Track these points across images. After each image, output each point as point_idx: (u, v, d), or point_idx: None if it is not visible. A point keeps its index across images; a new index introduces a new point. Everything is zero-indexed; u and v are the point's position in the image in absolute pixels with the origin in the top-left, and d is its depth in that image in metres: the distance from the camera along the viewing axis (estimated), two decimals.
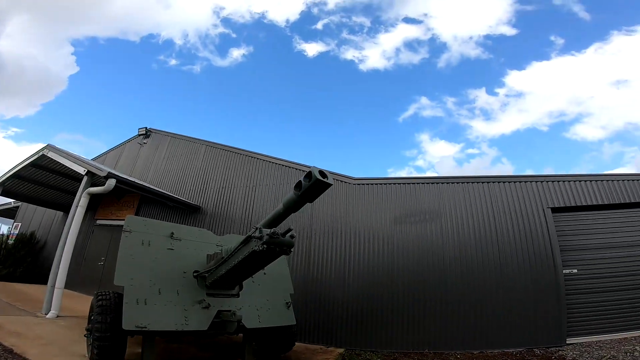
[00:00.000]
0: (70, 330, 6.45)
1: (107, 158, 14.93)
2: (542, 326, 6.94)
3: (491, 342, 7.02)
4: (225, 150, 11.56)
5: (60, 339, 5.78)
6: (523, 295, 7.15)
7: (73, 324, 6.93)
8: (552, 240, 7.35)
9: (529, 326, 6.98)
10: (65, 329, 6.53)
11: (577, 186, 7.69)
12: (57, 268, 7.70)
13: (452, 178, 8.38)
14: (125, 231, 5.42)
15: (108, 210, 12.49)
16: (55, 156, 9.52)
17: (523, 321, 7.02)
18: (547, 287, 7.11)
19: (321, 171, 4.00)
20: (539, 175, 7.93)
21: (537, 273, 7.21)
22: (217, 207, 10.64)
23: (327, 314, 7.98)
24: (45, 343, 5.44)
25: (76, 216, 8.19)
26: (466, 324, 7.22)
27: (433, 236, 7.94)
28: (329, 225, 8.73)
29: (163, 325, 4.74)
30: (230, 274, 5.21)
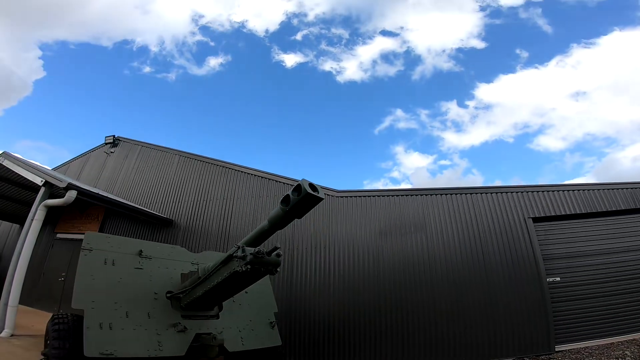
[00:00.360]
0: (26, 350, 5.78)
1: (70, 167, 13.99)
2: (530, 335, 6.85)
3: (481, 354, 6.88)
4: (201, 160, 11.06)
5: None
6: (509, 304, 7.07)
7: (29, 343, 6.22)
8: (535, 250, 7.36)
9: (517, 335, 6.88)
10: (21, 349, 5.85)
11: (557, 196, 7.77)
12: (10, 285, 6.93)
13: (436, 190, 8.29)
14: (85, 249, 4.91)
15: (70, 224, 11.58)
16: (11, 165, 8.73)
17: (511, 331, 6.92)
18: (532, 295, 7.06)
19: (311, 184, 3.73)
20: (519, 185, 7.98)
21: (522, 282, 7.16)
22: (192, 221, 10.07)
23: (312, 332, 7.63)
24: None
25: (31, 230, 7.45)
26: (454, 336, 7.04)
27: (419, 248, 7.77)
28: (312, 239, 8.42)
29: (133, 351, 4.26)
30: (208, 295, 4.80)
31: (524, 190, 7.87)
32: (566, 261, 7.46)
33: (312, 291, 7.94)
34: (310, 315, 7.76)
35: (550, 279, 7.26)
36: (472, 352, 6.88)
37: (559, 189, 7.84)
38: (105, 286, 4.65)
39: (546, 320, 6.89)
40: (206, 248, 8.84)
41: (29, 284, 7.26)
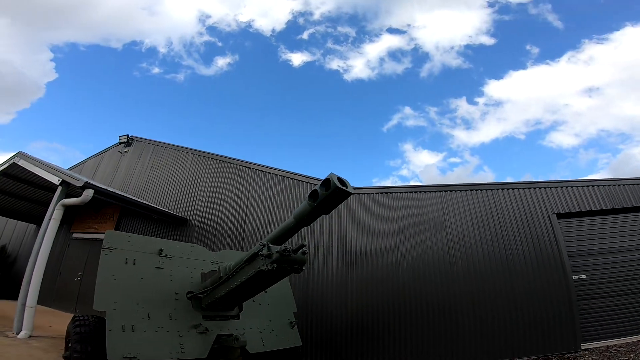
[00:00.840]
0: (45, 352, 5.66)
1: (85, 167, 13.97)
2: (555, 333, 6.63)
3: (504, 352, 6.65)
4: (214, 159, 10.92)
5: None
6: (534, 302, 6.82)
7: (48, 345, 6.12)
8: (560, 247, 7.10)
9: (542, 333, 6.66)
10: (40, 351, 5.72)
11: (581, 191, 7.51)
12: (28, 285, 6.86)
13: (455, 186, 8.04)
14: (105, 248, 4.74)
15: (85, 223, 11.56)
16: (27, 165, 8.68)
17: (535, 329, 6.69)
18: (557, 293, 6.82)
19: (340, 178, 3.55)
20: (542, 181, 7.71)
21: (547, 280, 6.92)
22: (206, 220, 9.95)
23: (329, 332, 7.45)
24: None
25: (49, 230, 7.39)
26: (477, 336, 6.80)
27: (438, 246, 7.53)
28: (329, 237, 8.23)
29: (156, 355, 4.12)
30: (230, 295, 4.64)
31: (547, 185, 7.60)
32: (592, 258, 7.20)
33: (329, 290, 7.75)
34: (327, 314, 7.58)
35: (576, 276, 7.01)
36: (496, 351, 6.66)
37: (583, 185, 7.58)
38: (126, 287, 4.52)
39: (572, 318, 6.65)
40: (221, 247, 8.71)
41: (46, 284, 7.20)
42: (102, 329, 4.04)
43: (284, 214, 8.90)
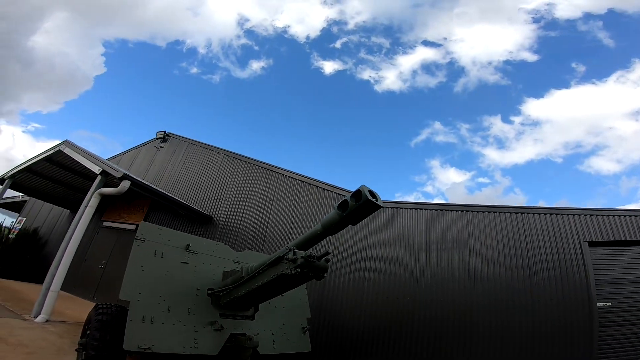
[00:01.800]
0: (59, 337, 5.65)
1: (123, 159, 14.28)
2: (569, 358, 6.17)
3: None
4: (243, 160, 10.89)
5: (46, 348, 4.99)
6: (554, 328, 6.38)
7: (63, 330, 6.13)
8: (588, 274, 6.58)
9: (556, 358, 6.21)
10: (54, 335, 5.72)
11: (617, 221, 6.90)
12: (56, 269, 6.94)
13: (483, 207, 7.59)
14: (138, 239, 4.75)
15: (116, 213, 11.78)
16: (71, 152, 8.92)
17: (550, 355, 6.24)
18: (579, 321, 6.35)
19: (370, 191, 3.42)
20: (576, 208, 7.18)
21: (570, 308, 6.45)
22: (230, 220, 9.90)
23: (338, 341, 7.20)
24: (29, 352, 4.64)
25: (84, 216, 7.51)
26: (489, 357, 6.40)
27: (460, 266, 7.12)
28: (348, 248, 7.96)
29: (169, 347, 4.06)
30: (250, 296, 4.55)
31: (581, 213, 7.07)
32: (620, 287, 6.70)
33: (344, 301, 7.50)
34: (339, 324, 7.34)
35: (600, 303, 6.52)
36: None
37: (620, 214, 6.94)
38: (152, 279, 4.51)
39: (590, 344, 6.19)
40: (242, 247, 8.61)
41: (71, 270, 7.26)
42: (122, 319, 4.02)
43: (306, 221, 8.72)
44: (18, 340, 5.02)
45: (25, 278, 11.50)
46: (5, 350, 4.48)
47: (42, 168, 10.67)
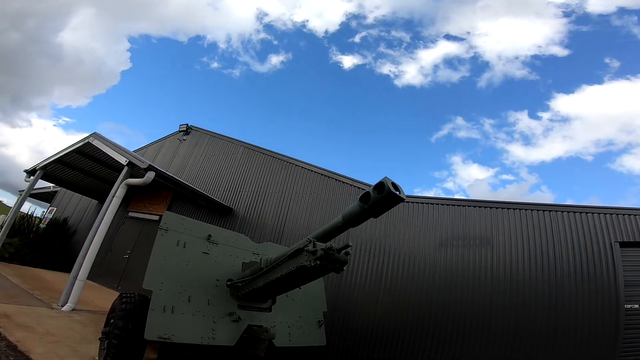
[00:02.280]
0: (84, 326, 5.77)
1: (147, 151, 14.50)
2: None
3: None
4: (263, 153, 10.85)
5: (71, 337, 5.08)
6: (577, 329, 6.10)
7: (88, 319, 6.26)
8: (618, 276, 6.24)
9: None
10: (79, 324, 5.84)
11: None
12: (83, 259, 7.10)
13: (508, 203, 7.28)
14: (162, 229, 4.78)
15: (141, 203, 11.99)
16: (100, 144, 9.11)
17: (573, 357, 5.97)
18: (604, 323, 6.05)
19: (393, 183, 3.30)
20: (608, 207, 6.80)
21: (596, 310, 6.15)
22: (250, 212, 9.91)
23: (352, 335, 7.11)
24: (55, 340, 4.73)
25: (111, 206, 7.67)
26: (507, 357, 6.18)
27: (481, 264, 6.87)
28: (367, 243, 7.81)
29: (188, 337, 4.08)
30: (268, 288, 4.55)
31: (612, 212, 6.69)
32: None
33: (360, 297, 7.39)
34: (355, 319, 7.24)
35: (628, 305, 6.20)
36: None
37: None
38: (174, 269, 4.54)
39: (614, 347, 5.90)
40: (261, 239, 8.61)
41: (97, 259, 7.42)
42: (145, 308, 4.06)
43: (325, 214, 8.63)
44: (45, 329, 5.14)
45: (54, 267, 11.86)
46: (32, 339, 4.57)
47: (72, 159, 10.94)
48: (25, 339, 4.50)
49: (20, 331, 4.73)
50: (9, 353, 3.96)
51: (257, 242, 6.32)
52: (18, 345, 4.20)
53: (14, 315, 5.34)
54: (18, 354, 3.99)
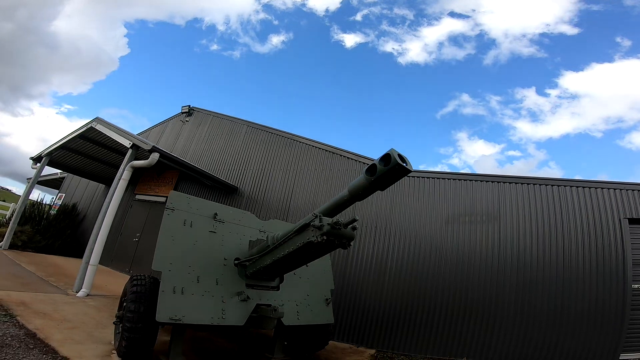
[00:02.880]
0: (99, 311, 5.93)
1: (151, 134, 14.48)
2: (595, 342, 6.00)
3: (537, 355, 6.13)
4: (266, 131, 10.80)
5: (87, 322, 5.24)
6: (584, 307, 6.18)
7: (102, 304, 6.43)
8: (626, 253, 6.23)
9: (582, 341, 6.06)
10: (94, 309, 6.00)
11: None
12: (94, 243, 7.22)
13: (515, 178, 7.23)
14: (168, 208, 4.75)
15: (147, 186, 12.08)
16: (103, 129, 9.14)
17: (579, 335, 6.08)
18: (611, 302, 6.11)
19: (400, 155, 3.24)
20: (618, 182, 6.72)
21: (603, 287, 6.19)
22: (255, 190, 9.94)
23: (359, 313, 7.23)
24: (72, 327, 4.88)
25: (118, 189, 7.73)
26: (513, 335, 6.30)
27: (489, 240, 6.90)
28: (372, 220, 7.83)
29: (199, 318, 4.12)
30: (275, 265, 4.53)
31: (622, 187, 6.62)
32: None
33: (366, 272, 7.45)
34: (362, 296, 7.32)
35: (635, 285, 6.23)
36: (528, 353, 6.17)
37: None
38: (182, 248, 4.54)
39: (620, 327, 5.97)
40: (267, 217, 8.67)
41: (107, 244, 7.56)
42: (156, 290, 4.08)
43: (331, 189, 8.62)
44: (62, 315, 5.28)
45: (67, 253, 12.06)
46: (50, 326, 4.70)
47: (77, 145, 11.00)
48: (43, 326, 4.63)
49: (37, 318, 4.86)
50: (28, 341, 4.05)
51: (263, 219, 6.33)
52: (37, 333, 4.31)
53: (30, 303, 5.48)
54: (38, 342, 4.09)
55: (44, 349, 3.93)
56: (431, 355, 6.57)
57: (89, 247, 7.26)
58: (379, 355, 6.45)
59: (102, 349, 4.35)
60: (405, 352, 6.69)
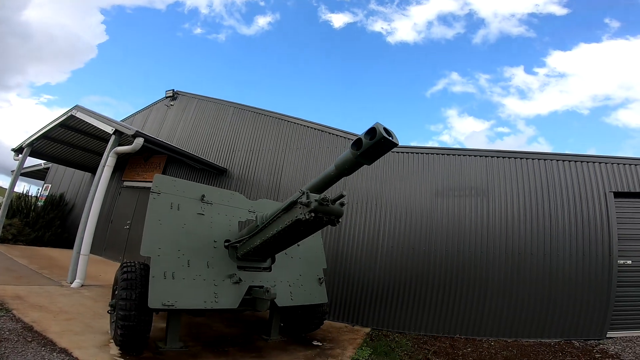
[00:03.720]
0: (95, 301, 5.98)
1: (135, 120, 14.26)
2: (584, 317, 6.29)
3: (527, 331, 6.40)
4: (254, 112, 10.70)
5: (83, 313, 5.29)
6: (569, 284, 6.42)
7: (97, 294, 6.48)
8: (611, 228, 6.47)
9: (570, 317, 6.33)
10: (90, 300, 6.06)
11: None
12: (83, 232, 7.21)
13: (503, 152, 7.36)
14: (154, 192, 4.69)
15: (135, 172, 12.00)
16: (84, 116, 8.98)
17: (564, 311, 6.35)
18: (597, 277, 6.35)
19: (385, 128, 3.24)
20: (604, 156, 6.88)
21: (589, 262, 6.42)
22: (244, 171, 9.93)
23: (353, 291, 7.37)
24: (69, 318, 4.93)
25: (103, 176, 7.64)
26: (503, 310, 6.55)
27: (477, 214, 7.05)
28: (363, 196, 7.89)
29: (192, 302, 4.13)
30: (266, 246, 4.52)
31: (608, 161, 6.80)
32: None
33: (358, 250, 7.56)
34: (353, 274, 7.46)
35: (621, 261, 6.44)
36: (520, 329, 6.43)
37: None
38: (170, 232, 4.50)
39: (607, 304, 6.24)
40: (257, 197, 8.71)
41: (98, 233, 7.58)
42: (147, 276, 4.07)
43: (320, 167, 8.62)
44: (58, 307, 5.33)
45: (58, 244, 12.05)
46: (47, 318, 4.75)
47: (58, 134, 10.83)
48: (40, 318, 4.66)
49: (34, 311, 4.90)
50: (26, 334, 4.08)
51: (254, 199, 6.34)
52: (34, 326, 4.34)
53: (26, 296, 5.52)
54: (35, 334, 4.12)
55: (42, 341, 3.96)
56: (424, 332, 6.77)
57: (79, 236, 7.25)
58: (374, 334, 6.62)
59: (100, 339, 4.40)
60: (399, 330, 6.87)
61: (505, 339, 6.37)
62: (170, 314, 4.39)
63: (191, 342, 4.83)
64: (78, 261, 6.97)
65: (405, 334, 6.70)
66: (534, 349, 5.90)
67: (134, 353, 4.08)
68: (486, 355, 5.67)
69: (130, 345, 4.03)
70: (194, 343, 4.85)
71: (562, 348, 5.92)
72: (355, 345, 5.81)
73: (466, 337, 6.54)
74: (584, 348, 5.89)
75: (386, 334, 6.64)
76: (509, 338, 6.40)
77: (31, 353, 3.61)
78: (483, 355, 5.66)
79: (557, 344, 6.10)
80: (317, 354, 5.14)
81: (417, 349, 5.92)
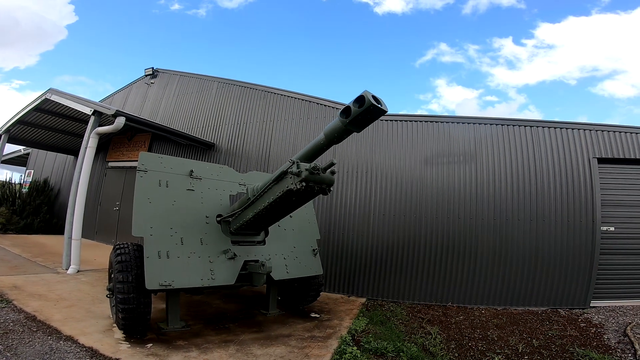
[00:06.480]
0: (92, 286, 6.15)
1: (115, 99, 13.98)
2: (570, 285, 6.66)
3: (516, 299, 6.78)
4: (239, 85, 10.60)
5: (83, 299, 5.46)
6: (556, 250, 6.75)
7: (94, 279, 6.64)
8: (595, 194, 6.75)
9: (557, 284, 6.70)
10: (87, 285, 6.22)
11: (629, 138, 6.94)
12: (72, 217, 7.27)
13: (491, 119, 7.51)
14: (140, 170, 4.68)
15: (119, 152, 11.96)
16: (59, 99, 8.83)
17: (552, 278, 6.71)
18: (581, 244, 6.68)
19: (374, 96, 3.30)
20: (587, 123, 7.11)
21: (574, 229, 6.74)
22: (232, 145, 9.95)
23: (348, 262, 7.61)
24: (69, 305, 5.09)
25: (86, 158, 7.63)
26: (493, 278, 6.89)
27: (466, 181, 7.26)
28: (354, 164, 8.02)
29: (189, 281, 4.22)
30: (258, 219, 4.57)
31: (592, 128, 7.02)
32: (625, 210, 6.85)
33: (351, 219, 7.74)
34: (346, 244, 7.67)
35: (604, 227, 6.73)
36: (509, 297, 6.80)
37: (631, 131, 6.96)
38: (161, 210, 4.52)
39: (590, 272, 6.58)
40: (247, 169, 8.79)
41: (88, 216, 7.64)
42: (141, 257, 4.10)
43: (309, 137, 8.66)
44: (57, 294, 5.47)
45: (48, 231, 12.11)
46: (48, 306, 4.89)
47: (35, 118, 10.68)
48: (41, 307, 4.79)
49: (34, 300, 5.03)
50: (30, 324, 4.20)
51: (243, 172, 6.33)
52: (37, 315, 4.46)
53: (24, 286, 5.65)
54: (39, 324, 4.24)
55: (47, 330, 4.10)
56: (418, 301, 7.08)
57: (68, 221, 7.30)
58: (370, 304, 6.90)
59: (102, 323, 4.55)
60: (394, 299, 7.18)
61: (495, 307, 6.74)
62: (169, 294, 4.50)
63: (192, 321, 5.02)
64: (71, 247, 7.08)
65: (400, 303, 7.01)
66: (522, 317, 6.22)
67: (138, 336, 4.23)
68: (478, 323, 5.98)
69: (133, 328, 4.14)
70: (195, 321, 5.04)
71: (548, 317, 6.25)
72: (352, 315, 6.07)
73: (458, 305, 6.89)
74: (569, 317, 6.20)
75: (381, 304, 6.95)
76: (499, 306, 6.76)
77: (39, 343, 3.75)
78: (475, 323, 5.98)
79: (544, 312, 6.46)
80: (316, 326, 5.39)
81: (411, 317, 6.23)
